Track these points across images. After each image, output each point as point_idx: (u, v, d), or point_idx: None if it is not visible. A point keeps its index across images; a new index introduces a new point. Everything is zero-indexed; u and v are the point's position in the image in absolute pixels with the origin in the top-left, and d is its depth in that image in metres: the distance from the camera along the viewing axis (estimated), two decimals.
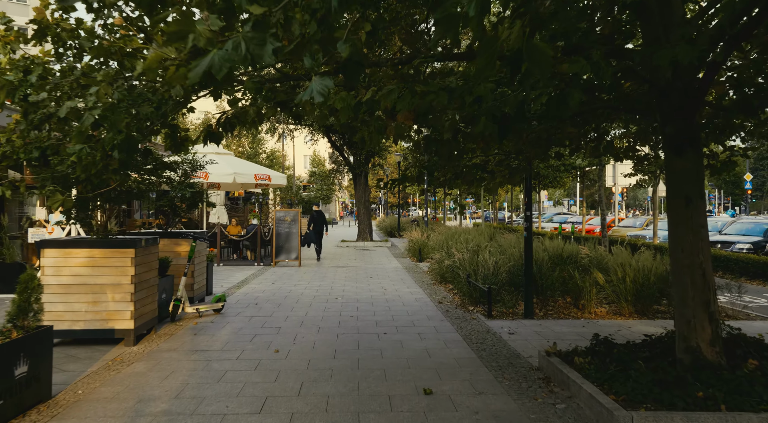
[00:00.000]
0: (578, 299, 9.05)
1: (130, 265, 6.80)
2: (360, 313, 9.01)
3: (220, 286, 12.07)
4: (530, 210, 8.68)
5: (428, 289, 11.63)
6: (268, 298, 10.56)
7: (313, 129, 23.03)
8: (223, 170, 16.96)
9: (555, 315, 8.69)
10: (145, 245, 7.13)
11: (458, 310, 9.25)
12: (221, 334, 7.56)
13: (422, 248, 18.12)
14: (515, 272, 9.71)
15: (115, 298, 6.80)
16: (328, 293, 11.16)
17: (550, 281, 9.35)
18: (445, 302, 10.05)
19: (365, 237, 25.96)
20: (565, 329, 7.75)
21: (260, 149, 58.92)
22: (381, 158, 26.95)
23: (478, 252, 10.97)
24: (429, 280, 13.02)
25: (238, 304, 9.91)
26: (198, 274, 9.65)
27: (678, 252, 4.64)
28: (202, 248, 9.79)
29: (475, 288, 9.50)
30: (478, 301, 9.45)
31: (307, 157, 72.27)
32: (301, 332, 7.65)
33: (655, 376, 4.30)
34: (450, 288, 11.60)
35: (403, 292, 11.35)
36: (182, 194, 9.18)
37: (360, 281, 13.01)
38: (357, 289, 11.66)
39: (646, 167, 17.09)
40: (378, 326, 8.05)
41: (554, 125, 5.12)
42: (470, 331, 7.66)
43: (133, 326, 6.82)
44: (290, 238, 16.53)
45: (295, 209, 17.79)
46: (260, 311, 9.18)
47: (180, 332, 7.67)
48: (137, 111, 4.83)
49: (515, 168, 7.28)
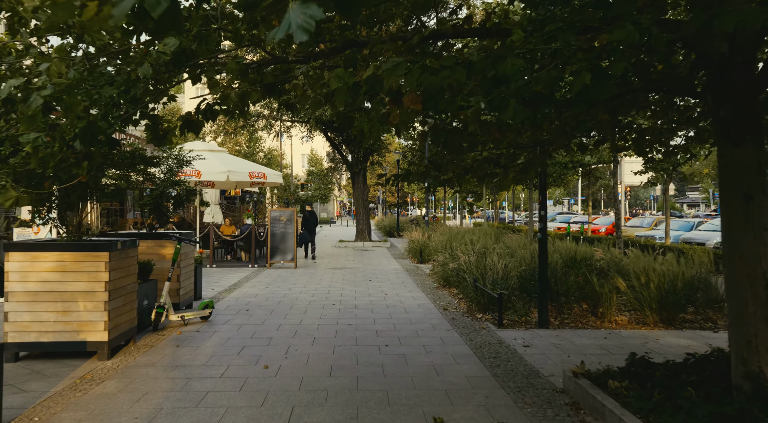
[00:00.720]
0: (596, 306, 8.36)
1: (104, 270, 6.09)
2: (359, 322, 8.31)
3: (211, 290, 11.36)
4: (545, 209, 7.98)
5: (431, 294, 10.93)
6: (260, 303, 9.85)
7: (310, 125, 22.32)
8: (217, 168, 16.25)
9: (572, 324, 7.99)
10: (121, 248, 6.42)
11: (465, 318, 8.55)
12: (206, 345, 6.85)
13: (423, 249, 17.42)
14: (527, 277, 9.01)
15: (87, 307, 6.09)
16: (324, 298, 10.45)
17: (565, 287, 8.66)
18: (450, 309, 9.35)
19: (364, 237, 25.26)
20: (585, 341, 7.05)
21: (258, 148, 58.21)
22: (380, 156, 26.23)
23: (485, 254, 10.27)
24: (432, 284, 12.32)
25: (228, 310, 9.21)
26: (184, 278, 8.94)
27: (734, 259, 3.94)
28: (189, 250, 9.08)
29: (484, 294, 8.81)
30: (486, 308, 8.75)
31: (305, 155, 71.57)
32: (295, 344, 6.94)
33: (712, 409, 3.60)
34: (455, 292, 10.90)
35: (405, 296, 10.65)
36: (167, 192, 8.47)
37: (359, 284, 12.31)
38: (356, 294, 10.96)
39: (658, 165, 16.41)
40: (379, 337, 7.35)
41: (585, 111, 4.43)
42: (481, 343, 6.95)
43: (107, 338, 6.11)
44: (286, 238, 15.82)
45: (291, 208, 17.09)
46: (251, 318, 8.47)
47: (161, 343, 6.96)
48: (99, 94, 4.13)
49: (530, 163, 6.57)
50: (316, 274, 14.30)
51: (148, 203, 8.50)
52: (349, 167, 25.27)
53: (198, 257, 10.33)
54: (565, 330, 7.68)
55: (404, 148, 34.22)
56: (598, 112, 4.46)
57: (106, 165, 6.58)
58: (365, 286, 12.11)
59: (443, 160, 6.54)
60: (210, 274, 14.08)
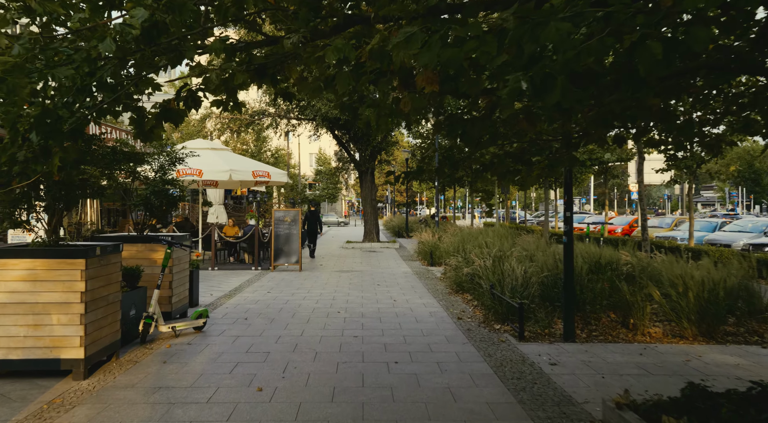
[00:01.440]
0: (626, 317, 7.62)
1: (80, 279, 5.43)
2: (366, 333, 7.62)
3: (209, 296, 10.70)
4: (571, 210, 7.25)
5: (444, 300, 10.22)
6: (260, 310, 9.17)
7: (317, 123, 21.65)
8: (219, 166, 15.62)
9: (601, 337, 7.26)
10: (101, 253, 5.75)
11: (482, 329, 7.84)
12: (196, 361, 6.18)
13: (434, 251, 16.71)
14: (549, 284, 8.29)
15: (61, 320, 5.43)
16: (329, 305, 9.77)
17: (592, 295, 7.92)
18: (465, 318, 8.63)
19: (372, 238, 24.58)
20: (619, 358, 6.32)
21: (265, 147, 57.67)
22: (388, 155, 25.53)
23: (502, 258, 9.54)
24: (443, 289, 11.60)
25: (226, 318, 8.54)
26: (177, 285, 8.27)
27: None
28: (183, 255, 8.41)
29: (502, 302, 8.09)
30: (505, 317, 8.03)
31: (312, 155, 71.03)
32: (294, 360, 6.25)
33: None
34: (469, 299, 10.18)
35: (416, 303, 9.94)
36: (159, 191, 7.79)
37: (366, 289, 11.62)
38: (362, 300, 10.27)
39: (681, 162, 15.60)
40: (387, 351, 6.65)
41: (634, 95, 3.71)
42: (501, 360, 6.24)
43: (84, 355, 5.45)
44: (290, 239, 15.15)
45: (296, 209, 16.42)
46: (249, 329, 7.80)
47: (147, 358, 6.29)
48: (53, 74, 3.46)
49: (557, 158, 5.84)
50: (322, 277, 13.62)
51: (137, 204, 7.84)
52: (357, 166, 24.59)
53: (194, 261, 9.67)
54: (594, 344, 6.94)
55: (413, 147, 33.53)
56: (648, 95, 3.74)
57: (85, 162, 5.92)
58: (373, 291, 11.42)
59: (459, 156, 5.84)
60: (211, 277, 13.44)
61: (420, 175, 5.63)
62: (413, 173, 5.61)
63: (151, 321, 6.95)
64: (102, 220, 18.66)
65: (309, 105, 20.78)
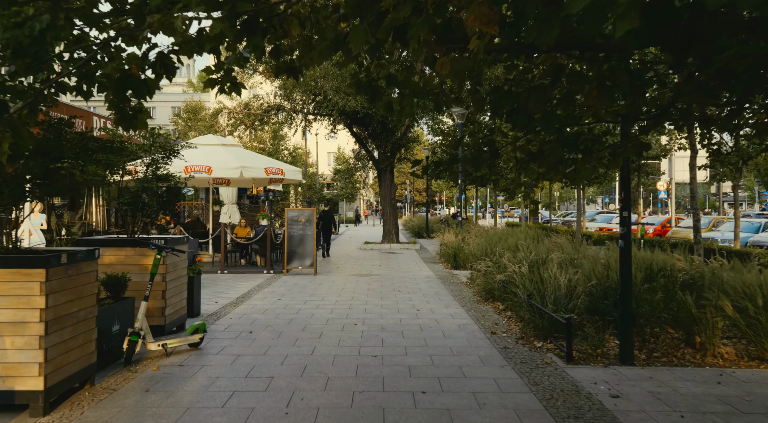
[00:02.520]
0: (690, 334, 6.50)
1: (39, 293, 4.46)
2: (386, 351, 6.58)
3: (214, 303, 9.74)
4: (628, 209, 6.14)
5: (473, 310, 9.14)
6: (268, 322, 8.19)
7: (334, 117, 20.64)
8: (229, 163, 14.69)
9: (663, 358, 6.14)
10: (68, 262, 4.78)
11: (520, 347, 6.76)
12: (185, 390, 5.19)
13: (458, 253, 15.62)
14: (597, 295, 7.19)
15: (15, 343, 4.47)
16: (345, 315, 8.75)
17: (649, 308, 6.80)
18: (499, 332, 7.56)
19: (391, 238, 23.53)
20: (693, 387, 5.21)
21: (282, 146, 56.93)
22: (408, 152, 24.45)
23: (539, 264, 8.45)
24: (471, 296, 10.52)
25: (228, 331, 7.56)
26: (173, 294, 7.30)
27: None
28: (179, 260, 7.44)
29: (542, 315, 7.00)
30: (547, 333, 6.94)
31: (331, 154, 70.24)
32: (301, 388, 5.24)
33: None
34: (501, 309, 9.09)
35: (442, 314, 8.88)
36: (148, 189, 6.81)
37: (386, 296, 10.58)
38: (382, 309, 9.23)
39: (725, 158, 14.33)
40: (412, 376, 5.61)
41: None
42: (550, 390, 5.16)
43: (43, 387, 4.48)
44: (304, 241, 14.16)
45: (311, 208, 15.44)
46: (252, 345, 6.80)
47: (128, 386, 5.32)
48: None
49: (622, 146, 4.74)
50: (338, 282, 12.61)
51: (126, 202, 6.87)
52: (376, 164, 23.56)
53: (195, 266, 8.70)
54: (657, 368, 5.83)
55: (433, 145, 32.41)
56: None
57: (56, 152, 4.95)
58: (393, 298, 10.37)
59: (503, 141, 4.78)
60: (219, 281, 12.49)
61: (452, 165, 4.58)
62: (445, 163, 4.56)
63: (138, 338, 5.97)
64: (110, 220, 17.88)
65: (326, 99, 19.80)
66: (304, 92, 20.32)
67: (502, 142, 4.83)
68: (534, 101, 3.44)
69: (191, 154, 15.17)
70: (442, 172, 4.63)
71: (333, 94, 19.43)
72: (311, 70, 19.96)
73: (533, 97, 3.45)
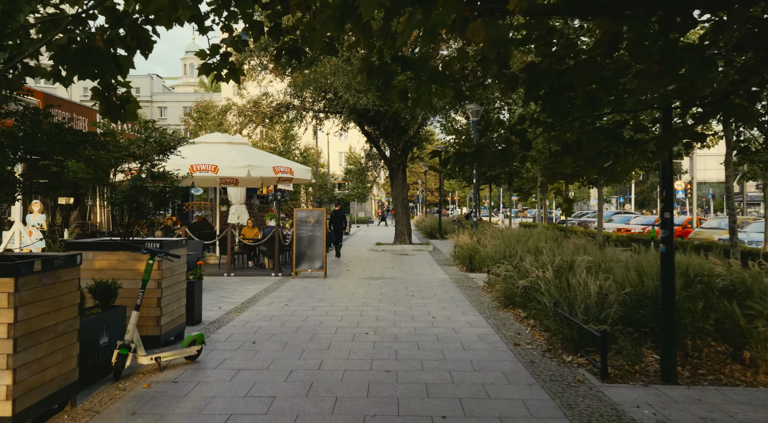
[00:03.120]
0: (738, 348, 5.86)
1: (7, 305, 3.92)
2: (400, 365, 6.00)
3: (217, 309, 9.20)
4: (670, 210, 5.51)
5: (492, 318, 8.53)
6: (273, 330, 7.63)
7: (344, 115, 20.07)
8: (236, 162, 14.15)
9: (710, 376, 5.51)
10: (43, 269, 4.24)
11: (548, 361, 6.15)
12: (176, 413, 4.63)
13: (473, 255, 14.99)
14: (632, 304, 6.56)
15: None
16: (356, 323, 8.18)
17: (690, 318, 6.17)
18: (523, 344, 6.95)
19: (403, 239, 22.93)
20: (751, 412, 4.58)
21: (293, 146, 56.49)
22: (420, 150, 23.83)
23: (565, 269, 7.83)
24: (490, 302, 9.91)
25: (230, 341, 7.02)
26: (169, 302, 6.75)
27: None
28: (176, 265, 6.89)
29: (571, 326, 6.39)
30: (577, 345, 6.32)
31: (342, 154, 69.76)
32: (306, 411, 4.66)
33: None
34: (523, 316, 8.47)
35: (459, 322, 8.28)
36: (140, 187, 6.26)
37: (399, 302, 9.99)
38: (395, 317, 8.64)
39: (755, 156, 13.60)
40: (430, 397, 5.02)
41: None
42: (587, 415, 4.55)
43: (11, 412, 3.93)
44: (314, 243, 13.60)
45: (321, 209, 14.89)
46: (255, 358, 6.25)
47: (113, 407, 4.77)
48: None
49: (671, 137, 4.13)
50: (348, 286, 12.04)
51: (117, 202, 6.33)
52: (388, 163, 22.97)
53: (197, 270, 8.17)
54: (705, 388, 5.20)
55: (445, 144, 31.83)
56: None
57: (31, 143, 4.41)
58: (407, 304, 9.78)
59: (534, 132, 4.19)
60: (225, 285, 11.97)
61: (478, 158, 3.98)
62: (470, 156, 3.97)
63: (128, 351, 5.43)
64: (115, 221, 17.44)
65: (336, 96, 19.25)
66: (314, 90, 19.78)
67: (533, 132, 4.23)
68: (582, 79, 2.85)
69: (197, 152, 14.72)
70: (466, 165, 4.04)
71: (343, 91, 18.88)
72: (321, 67, 19.43)
73: (581, 73, 2.85)
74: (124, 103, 4.46)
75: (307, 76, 19.63)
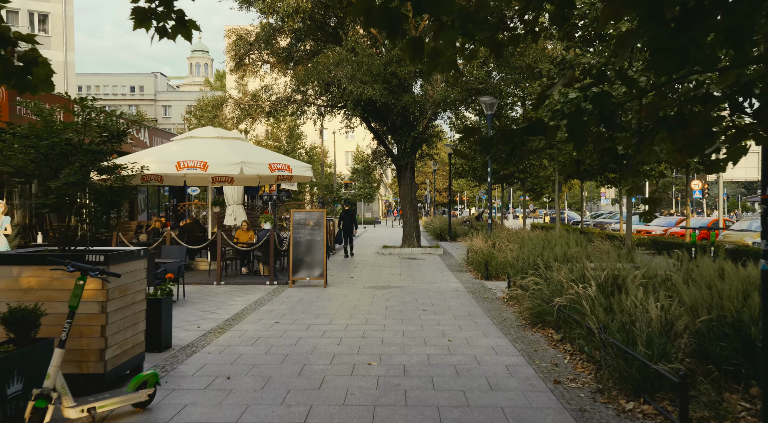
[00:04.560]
0: None
1: None
2: (412, 416, 4.60)
3: (195, 328, 7.85)
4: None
5: (520, 340, 7.13)
6: (255, 358, 6.26)
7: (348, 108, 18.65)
8: (227, 158, 12.76)
9: None
10: None
11: (603, 408, 4.74)
12: None
13: (489, 261, 13.57)
14: (709, 334, 5.13)
15: None
16: (357, 347, 6.80)
17: None
18: (565, 380, 5.53)
19: (411, 242, 21.51)
20: None
21: (299, 145, 55.20)
22: (430, 147, 22.36)
23: (613, 284, 6.42)
24: (513, 318, 8.51)
25: (199, 376, 5.65)
26: (119, 330, 5.34)
27: None
28: (131, 282, 5.51)
29: (629, 359, 4.97)
30: (639, 387, 4.90)
31: (349, 153, 68.44)
32: None
33: None
34: (556, 339, 7.06)
35: (481, 347, 6.88)
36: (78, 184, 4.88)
37: (408, 318, 8.60)
38: (404, 339, 7.26)
39: None
40: None
41: None
42: None
43: None
44: (313, 248, 12.22)
45: (321, 210, 13.52)
46: (224, 403, 4.87)
47: None
48: None
49: None
50: (351, 297, 10.66)
51: (47, 204, 4.95)
52: (395, 160, 21.56)
53: (164, 285, 6.79)
54: None
55: (455, 142, 30.42)
56: None
57: None
58: (417, 321, 8.39)
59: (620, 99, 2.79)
60: (211, 296, 10.62)
61: (537, 132, 2.57)
62: (523, 130, 2.56)
63: (47, 403, 4.05)
64: None
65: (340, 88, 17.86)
66: (316, 82, 18.38)
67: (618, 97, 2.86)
68: None
69: (185, 147, 13.37)
70: (516, 147, 2.63)
71: (347, 82, 17.49)
72: (324, 58, 18.07)
73: None
74: (29, 64, 3.18)
75: (309, 69, 18.28)
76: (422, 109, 19.18)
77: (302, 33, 20.82)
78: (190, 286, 11.75)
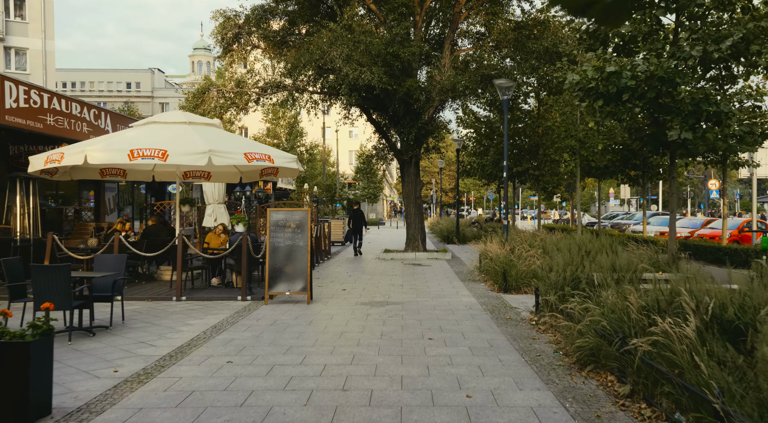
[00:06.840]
0: None
1: None
2: None
3: (111, 372, 5.61)
4: None
5: (571, 395, 4.85)
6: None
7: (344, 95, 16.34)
8: (192, 147, 10.37)
9: None
10: None
11: None
12: None
13: (508, 270, 11.29)
14: None
15: None
16: (332, 410, 4.54)
17: None
18: None
19: (416, 246, 19.23)
20: None
21: (299, 142, 53.01)
22: (436, 140, 20.06)
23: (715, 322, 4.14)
24: (550, 353, 6.25)
25: None
26: None
27: None
28: None
29: None
30: None
31: (352, 152, 66.28)
32: None
33: None
34: (622, 393, 4.77)
35: (515, 408, 4.60)
36: None
37: (409, 354, 6.34)
38: (402, 393, 4.99)
39: None
40: None
41: None
42: None
43: None
44: (294, 255, 9.95)
45: (305, 209, 11.23)
46: None
47: None
48: None
49: None
50: (338, 318, 8.40)
51: None
52: (398, 155, 19.31)
53: (43, 324, 4.54)
54: None
55: (463, 137, 28.20)
56: None
57: None
58: (421, 360, 6.12)
59: None
60: (163, 316, 8.39)
61: None
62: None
63: None
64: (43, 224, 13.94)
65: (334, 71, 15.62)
66: (308, 64, 16.10)
67: None
68: None
69: (143, 134, 11.10)
70: None
71: (343, 64, 15.23)
72: (316, 37, 15.86)
73: None
74: None
75: (302, 52, 16.04)
76: (428, 96, 16.93)
77: (296, 15, 18.66)
78: (141, 303, 9.53)
